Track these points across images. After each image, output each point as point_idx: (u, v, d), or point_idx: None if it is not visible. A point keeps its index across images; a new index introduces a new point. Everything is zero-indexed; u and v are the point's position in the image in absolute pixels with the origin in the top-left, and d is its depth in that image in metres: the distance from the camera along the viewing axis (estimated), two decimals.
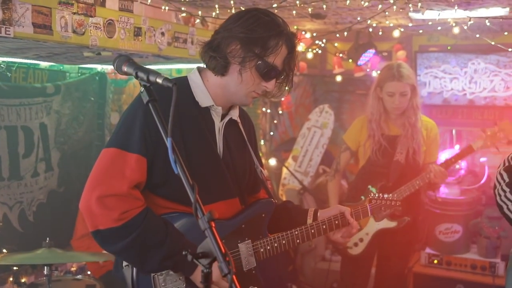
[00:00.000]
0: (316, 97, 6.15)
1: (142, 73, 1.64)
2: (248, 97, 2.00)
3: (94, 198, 1.80)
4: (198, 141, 1.95)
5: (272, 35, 1.89)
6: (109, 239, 1.83)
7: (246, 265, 2.03)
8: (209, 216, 1.44)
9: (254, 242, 2.06)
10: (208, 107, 2.00)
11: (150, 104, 1.61)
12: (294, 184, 4.95)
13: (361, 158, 3.65)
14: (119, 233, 1.81)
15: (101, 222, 1.81)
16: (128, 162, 1.84)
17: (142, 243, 1.83)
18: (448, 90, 5.39)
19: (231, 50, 1.91)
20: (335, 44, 5.69)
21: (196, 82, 2.01)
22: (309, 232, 2.15)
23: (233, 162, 2.06)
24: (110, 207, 1.80)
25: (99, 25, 2.90)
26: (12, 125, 3.78)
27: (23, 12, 2.42)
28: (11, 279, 3.71)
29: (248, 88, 1.95)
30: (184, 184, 1.49)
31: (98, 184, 1.82)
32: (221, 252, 1.42)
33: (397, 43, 5.50)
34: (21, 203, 3.89)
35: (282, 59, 1.94)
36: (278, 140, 5.53)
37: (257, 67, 1.91)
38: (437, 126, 3.64)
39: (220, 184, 2.00)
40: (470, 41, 5.03)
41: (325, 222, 2.17)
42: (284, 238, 2.10)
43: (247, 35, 1.88)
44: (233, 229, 2.02)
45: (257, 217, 2.10)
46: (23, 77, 3.84)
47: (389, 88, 3.44)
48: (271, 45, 1.89)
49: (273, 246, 2.08)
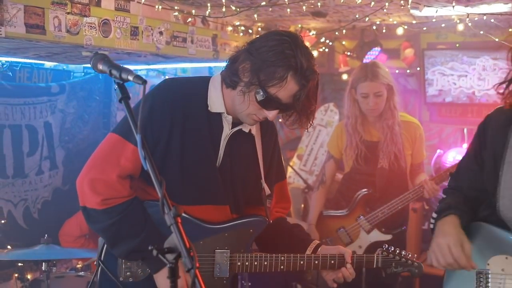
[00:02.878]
0: (325, 96, 6.13)
1: (115, 71, 1.66)
2: (249, 118, 1.93)
3: (87, 178, 1.90)
4: (196, 143, 1.96)
5: (280, 65, 1.80)
6: (91, 217, 1.93)
7: (217, 272, 2.01)
8: (175, 212, 1.46)
9: (232, 254, 2.02)
10: (220, 113, 1.98)
11: (122, 101, 1.63)
12: (299, 183, 4.95)
13: (346, 166, 3.56)
14: (99, 216, 1.91)
15: (88, 201, 1.90)
16: (125, 152, 1.90)
17: (116, 230, 1.91)
18: (457, 88, 5.32)
19: (242, 68, 1.86)
20: (342, 42, 5.67)
21: (215, 87, 1.99)
22: (297, 262, 2.06)
23: (232, 171, 2.03)
24: (97, 191, 1.88)
25: (94, 24, 2.94)
26: (17, 124, 3.86)
27: (15, 13, 2.47)
28: (16, 275, 3.79)
29: (249, 110, 1.89)
30: (152, 179, 1.50)
31: (93, 166, 1.93)
32: (185, 247, 1.43)
33: (405, 40, 5.46)
34: (25, 200, 3.96)
35: (291, 93, 1.83)
36: (284, 138, 5.53)
37: (256, 94, 1.84)
38: (421, 125, 3.50)
39: (211, 189, 1.99)
40: (479, 38, 4.95)
41: (319, 258, 2.08)
42: (267, 259, 2.05)
43: (258, 58, 1.83)
44: (215, 234, 2.01)
45: (243, 230, 2.06)
46: (27, 77, 3.92)
47: (362, 89, 3.30)
48: (276, 76, 1.80)
49: (252, 263, 2.03)
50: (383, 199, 3.31)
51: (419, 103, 5.65)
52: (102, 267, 2.03)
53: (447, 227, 1.85)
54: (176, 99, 1.94)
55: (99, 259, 2.05)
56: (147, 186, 1.98)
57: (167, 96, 1.95)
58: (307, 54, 1.86)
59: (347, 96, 3.48)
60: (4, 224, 3.77)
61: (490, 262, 1.83)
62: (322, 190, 3.65)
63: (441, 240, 1.80)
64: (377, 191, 3.35)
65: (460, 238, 1.80)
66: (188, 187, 1.97)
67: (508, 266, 1.82)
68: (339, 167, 3.82)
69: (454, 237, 1.79)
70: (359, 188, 3.42)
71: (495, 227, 1.87)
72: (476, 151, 1.96)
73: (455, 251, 1.76)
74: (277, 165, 2.24)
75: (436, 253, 1.81)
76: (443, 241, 1.80)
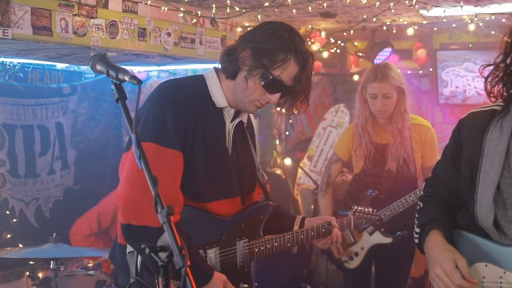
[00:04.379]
0: (337, 97, 6.11)
1: (112, 71, 1.69)
2: (252, 105, 2.02)
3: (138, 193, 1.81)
4: (215, 139, 2.01)
5: (281, 49, 1.91)
6: (138, 236, 1.83)
7: (240, 262, 2.10)
8: (168, 210, 1.47)
9: (250, 242, 2.12)
10: (221, 108, 2.04)
11: (119, 102, 1.66)
12: (309, 184, 4.94)
13: (355, 167, 3.55)
14: (151, 234, 1.75)
15: (145, 219, 1.81)
16: (168, 158, 1.87)
17: None
18: (471, 89, 5.25)
19: (242, 56, 1.95)
20: (354, 43, 5.65)
21: (214, 82, 2.05)
22: (299, 237, 2.25)
23: (239, 163, 2.12)
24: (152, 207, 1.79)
25: (101, 26, 2.98)
26: (28, 124, 3.92)
27: (22, 15, 2.51)
28: (27, 273, 3.85)
29: (252, 96, 1.98)
30: (146, 178, 1.52)
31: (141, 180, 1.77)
32: (177, 245, 1.44)
33: (417, 41, 5.42)
34: (37, 199, 4.02)
35: (292, 75, 1.95)
36: (295, 139, 5.53)
37: (261, 78, 1.93)
38: (432, 128, 3.44)
39: (227, 183, 2.06)
40: (492, 38, 4.89)
41: (314, 229, 2.27)
42: (277, 240, 2.19)
43: (258, 45, 1.93)
44: (234, 227, 2.09)
45: (255, 218, 2.17)
46: (39, 78, 3.97)
47: (371, 90, 3.29)
48: (279, 58, 1.91)
49: (266, 247, 2.16)
50: (389, 201, 3.29)
51: (432, 104, 5.60)
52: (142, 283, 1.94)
53: (436, 251, 1.82)
54: (191, 98, 1.97)
55: (137, 276, 1.95)
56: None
57: (182, 95, 1.97)
58: (302, 38, 1.99)
59: (358, 96, 3.46)
60: (16, 223, 3.83)
61: (472, 270, 1.81)
62: (330, 193, 3.67)
63: (438, 271, 1.76)
64: (383, 193, 3.33)
65: (452, 259, 1.77)
66: (211, 184, 2.03)
67: (489, 273, 1.80)
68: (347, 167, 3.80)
69: (448, 262, 1.76)
70: (367, 190, 3.41)
71: (474, 235, 1.85)
72: (453, 157, 1.93)
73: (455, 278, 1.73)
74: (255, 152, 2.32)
75: (439, 284, 1.79)
76: (439, 271, 1.76)
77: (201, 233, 1.99)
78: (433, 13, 3.61)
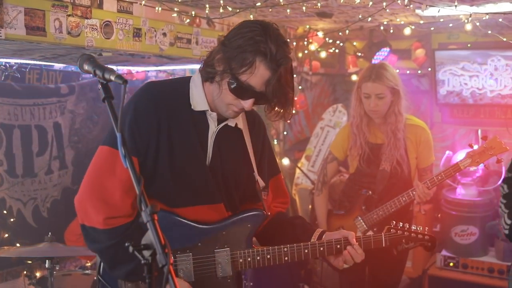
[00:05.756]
0: (336, 97, 6.11)
1: (99, 71, 1.70)
2: (228, 110, 1.91)
3: (88, 196, 1.88)
4: (184, 143, 1.94)
5: (249, 51, 1.77)
6: (89, 236, 1.90)
7: (220, 272, 1.99)
8: (151, 209, 1.48)
9: (233, 251, 2.00)
10: (204, 112, 1.96)
11: (106, 101, 1.67)
12: (307, 184, 4.95)
13: (350, 167, 3.54)
14: (99, 236, 1.87)
15: (89, 220, 1.87)
16: (119, 161, 1.80)
17: (115, 252, 1.87)
18: (468, 88, 5.24)
19: (217, 59, 1.84)
20: (353, 43, 5.65)
21: (197, 85, 1.96)
22: (301, 252, 2.03)
23: (224, 168, 2.02)
24: (99, 209, 1.85)
25: (96, 26, 2.99)
26: (26, 124, 3.94)
27: (15, 15, 2.52)
28: (24, 272, 3.87)
29: (226, 101, 1.87)
30: (132, 177, 1.53)
31: (92, 183, 1.89)
32: (160, 243, 1.45)
33: (416, 41, 5.42)
34: (35, 199, 4.04)
35: (263, 80, 1.80)
36: (293, 139, 5.53)
37: (229, 82, 1.82)
38: (427, 129, 3.42)
39: (203, 188, 1.97)
40: (491, 38, 4.88)
41: (324, 245, 2.05)
42: (270, 253, 2.01)
43: (228, 47, 1.80)
44: (213, 234, 1.99)
45: (241, 227, 2.04)
46: (37, 78, 3.99)
47: (365, 89, 3.27)
48: (246, 62, 1.77)
49: (254, 259, 2.01)
50: (383, 201, 3.28)
51: (431, 104, 5.59)
52: (103, 283, 2.00)
53: None
54: (159, 101, 1.92)
55: (98, 274, 2.02)
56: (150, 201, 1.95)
57: (150, 98, 1.93)
58: (279, 40, 1.83)
59: (354, 96, 3.45)
60: (14, 223, 3.85)
61: None
62: (325, 192, 3.66)
63: None
64: (377, 193, 3.32)
65: None
66: (180, 189, 1.96)
67: None
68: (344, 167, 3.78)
69: None
70: (361, 189, 3.40)
71: None
72: None
73: None
74: (269, 159, 2.21)
75: None
76: None
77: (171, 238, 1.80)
78: (428, 12, 3.60)
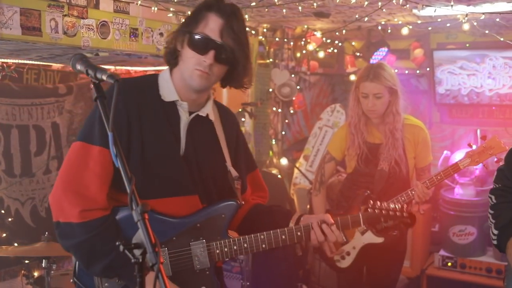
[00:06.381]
0: (335, 97, 6.12)
1: (91, 71, 1.70)
2: (193, 75, 1.92)
3: (63, 191, 1.88)
4: (156, 135, 1.96)
5: (199, 9, 1.94)
6: (64, 233, 1.88)
7: (198, 265, 1.99)
8: (142, 208, 1.48)
9: (209, 243, 2.00)
10: (175, 103, 2.00)
11: (98, 100, 1.67)
12: (305, 183, 4.95)
13: (348, 167, 3.53)
14: (75, 230, 1.85)
15: (64, 215, 1.86)
16: (91, 155, 1.88)
17: (91, 246, 1.86)
18: (467, 87, 5.24)
19: (175, 37, 1.97)
20: (352, 43, 5.66)
21: (165, 78, 2.03)
22: (278, 237, 2.01)
23: (198, 159, 2.03)
24: (75, 202, 1.85)
25: (92, 26, 3.00)
26: (24, 124, 3.95)
27: (11, 15, 2.53)
28: (22, 271, 3.87)
29: (189, 65, 1.92)
30: (123, 176, 1.53)
31: (67, 178, 1.90)
32: (151, 242, 1.45)
33: (415, 41, 5.42)
34: (33, 199, 4.05)
35: (217, 29, 1.90)
36: (291, 139, 5.53)
37: (189, 42, 1.91)
38: (425, 128, 3.41)
39: (177, 179, 1.97)
40: (489, 38, 4.89)
41: (301, 228, 2.02)
42: (247, 241, 2.01)
43: (182, 24, 1.98)
44: (187, 227, 1.98)
45: (216, 217, 2.02)
46: (34, 78, 4.00)
47: (362, 89, 3.26)
48: (199, 17, 1.92)
49: (231, 248, 2.01)
50: (381, 201, 3.27)
51: (429, 104, 5.60)
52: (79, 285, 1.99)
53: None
54: (128, 95, 1.94)
55: (74, 276, 2.01)
56: (118, 194, 1.95)
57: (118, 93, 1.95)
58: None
59: (352, 95, 3.44)
60: (12, 222, 3.86)
61: None
62: (323, 192, 3.65)
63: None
64: (375, 193, 3.32)
65: None
66: (153, 180, 1.94)
67: None
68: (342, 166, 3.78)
69: None
70: (359, 190, 3.40)
71: None
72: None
73: None
74: (246, 155, 2.23)
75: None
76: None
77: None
78: (425, 12, 3.60)
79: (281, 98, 5.14)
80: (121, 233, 1.92)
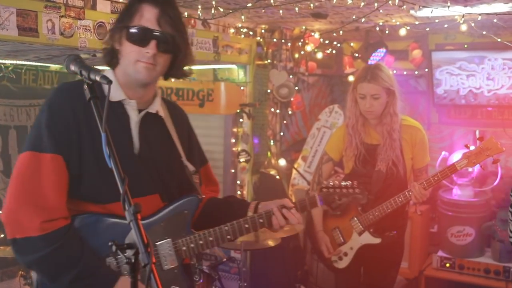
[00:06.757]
0: (334, 98, 6.12)
1: (85, 72, 1.71)
2: (138, 69, 1.87)
3: (17, 205, 1.78)
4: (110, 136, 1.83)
5: (129, 2, 1.91)
6: (24, 249, 1.77)
7: (166, 264, 1.95)
8: (134, 208, 1.49)
9: (174, 241, 1.97)
10: (122, 102, 1.94)
11: (91, 101, 1.67)
12: (304, 184, 4.95)
13: (346, 167, 3.51)
14: (36, 243, 1.76)
15: (23, 230, 1.76)
16: (43, 164, 1.79)
17: (56, 259, 1.78)
18: (465, 88, 5.23)
19: (110, 37, 1.94)
20: (351, 44, 5.66)
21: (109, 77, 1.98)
22: (242, 227, 2.02)
23: (154, 157, 1.98)
24: (33, 214, 1.76)
25: (89, 27, 3.00)
26: (22, 125, 3.96)
27: (7, 16, 2.54)
28: (20, 272, 3.88)
29: (132, 59, 1.87)
30: (116, 177, 1.54)
31: (19, 192, 1.79)
32: (143, 243, 1.46)
33: (413, 42, 5.42)
34: None
35: (154, 19, 1.86)
36: (290, 140, 5.54)
37: (127, 37, 1.87)
38: (423, 129, 3.40)
39: (135, 179, 1.85)
40: (487, 38, 4.89)
41: (263, 215, 2.03)
42: (212, 234, 2.00)
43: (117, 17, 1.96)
44: (150, 228, 1.94)
45: (178, 215, 2.00)
46: (32, 79, 4.01)
47: (360, 90, 3.25)
48: (132, 10, 1.89)
49: (197, 244, 1.99)
50: (379, 202, 3.28)
51: (428, 105, 5.60)
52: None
53: None
54: (74, 99, 1.88)
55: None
56: (81, 203, 1.89)
57: (64, 96, 1.90)
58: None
59: (349, 96, 3.42)
60: None
61: None
62: None
63: None
64: (372, 193, 3.32)
65: None
66: (110, 183, 1.75)
67: None
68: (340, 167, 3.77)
69: None
70: None
71: None
72: None
73: None
74: (198, 149, 2.22)
75: None
76: None
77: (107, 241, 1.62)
78: (421, 13, 3.60)
79: (279, 99, 5.15)
80: (85, 242, 1.85)
